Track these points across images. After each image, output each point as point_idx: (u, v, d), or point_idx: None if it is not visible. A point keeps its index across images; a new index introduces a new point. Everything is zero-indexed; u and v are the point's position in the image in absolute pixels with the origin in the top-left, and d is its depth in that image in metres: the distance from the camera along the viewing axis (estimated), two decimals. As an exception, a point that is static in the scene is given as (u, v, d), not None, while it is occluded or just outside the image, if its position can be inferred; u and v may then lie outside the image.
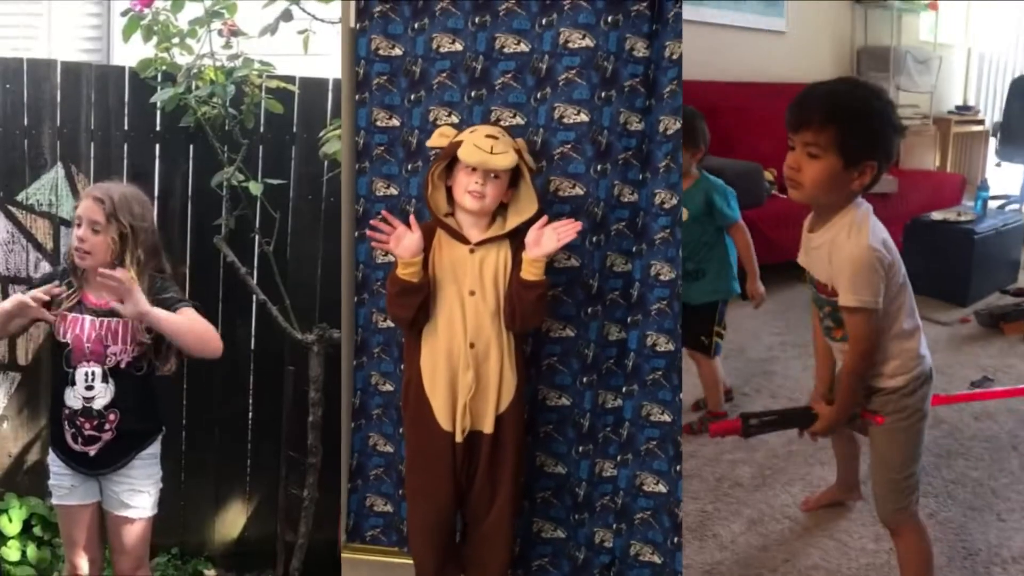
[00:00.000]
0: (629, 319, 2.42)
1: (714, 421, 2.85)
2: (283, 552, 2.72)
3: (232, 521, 2.95)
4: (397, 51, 2.45)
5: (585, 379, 2.46)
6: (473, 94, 2.41)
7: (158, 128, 2.80)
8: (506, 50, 2.39)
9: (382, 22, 2.44)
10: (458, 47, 2.42)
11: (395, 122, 2.47)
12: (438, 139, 2.21)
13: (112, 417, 2.11)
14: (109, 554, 2.27)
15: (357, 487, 2.65)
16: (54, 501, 2.23)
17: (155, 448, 2.22)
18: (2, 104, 2.86)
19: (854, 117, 1.71)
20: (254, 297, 2.72)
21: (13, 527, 2.81)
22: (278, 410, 2.70)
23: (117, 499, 2.17)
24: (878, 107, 1.75)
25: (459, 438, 2.18)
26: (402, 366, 2.50)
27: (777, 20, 5.41)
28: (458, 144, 2.12)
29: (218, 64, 2.57)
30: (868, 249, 1.75)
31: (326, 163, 2.61)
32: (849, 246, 1.76)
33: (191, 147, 2.78)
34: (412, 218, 2.17)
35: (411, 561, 2.42)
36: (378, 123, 2.49)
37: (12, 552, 2.78)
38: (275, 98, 2.62)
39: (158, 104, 2.69)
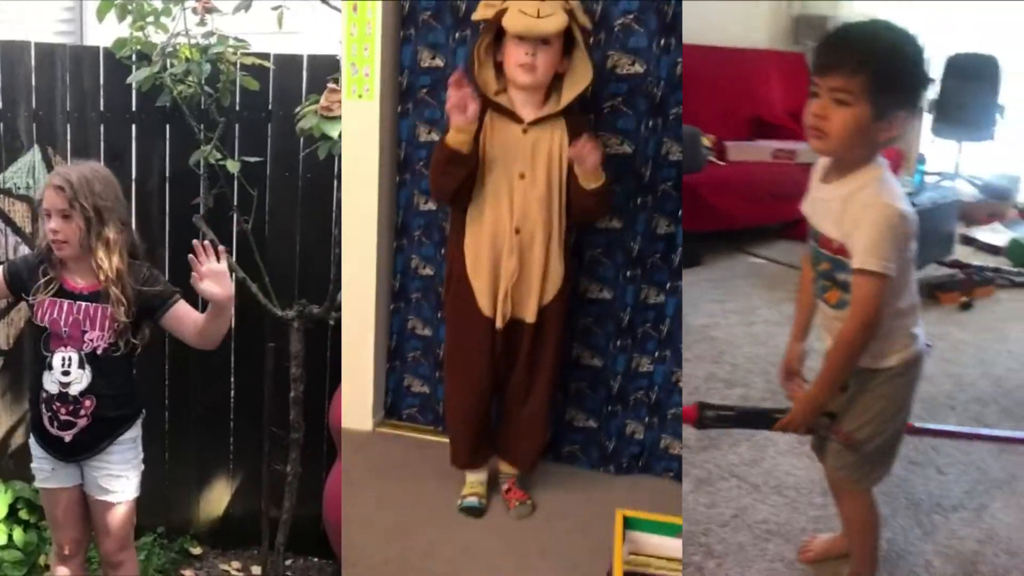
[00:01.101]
0: (679, 213, 2.37)
1: None
2: (268, 528, 2.73)
3: (216, 499, 2.96)
4: None
5: (628, 273, 2.42)
6: None
7: (134, 108, 2.79)
8: None
9: None
10: None
11: (439, 62, 2.40)
12: (484, 10, 2.03)
13: (88, 403, 2.09)
14: (94, 536, 2.26)
15: (395, 367, 2.70)
16: (36, 484, 2.24)
17: (133, 432, 2.19)
18: (-24, 88, 2.86)
19: (890, 63, 1.54)
20: (233, 275, 2.71)
21: (-2, 510, 2.82)
22: (259, 387, 2.70)
23: (96, 484, 2.15)
24: (912, 54, 1.58)
25: (499, 324, 2.14)
26: (443, 250, 2.49)
27: None
28: (503, 12, 1.96)
29: (193, 42, 2.56)
30: (899, 211, 1.58)
31: (302, 140, 2.61)
32: (877, 204, 1.59)
33: (167, 126, 2.77)
34: (459, 74, 2.00)
35: (446, 440, 2.45)
36: (422, 63, 2.41)
37: (-2, 535, 2.79)
38: (250, 75, 2.62)
39: (134, 84, 2.69)
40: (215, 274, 1.99)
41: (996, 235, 5.11)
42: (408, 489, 2.47)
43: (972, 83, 5.94)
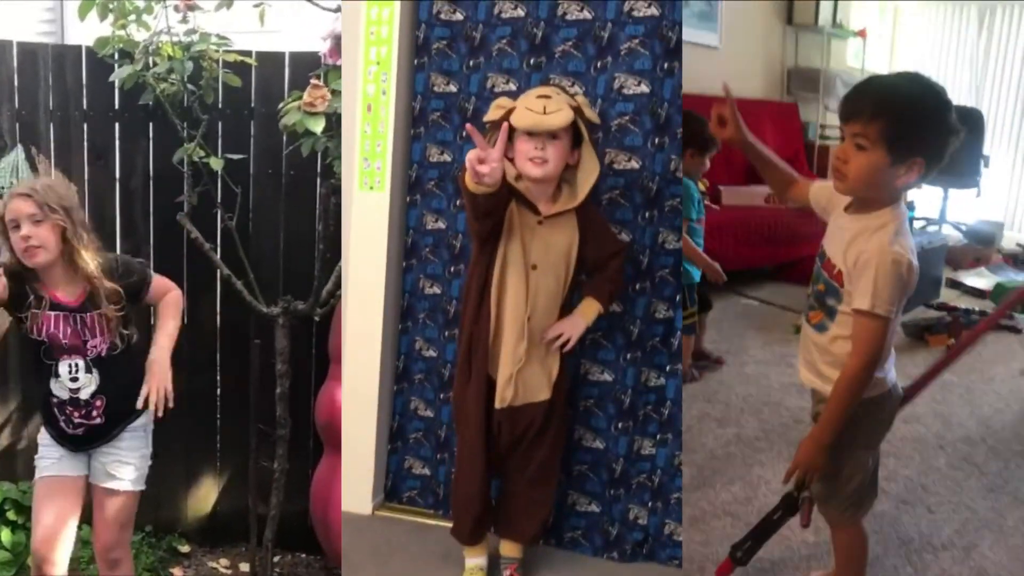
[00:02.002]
0: (678, 297, 2.41)
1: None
2: (255, 524, 2.73)
3: (204, 496, 2.96)
4: (458, 16, 2.44)
5: (629, 355, 2.45)
6: (532, 61, 2.41)
7: (117, 107, 2.79)
8: (568, 17, 2.36)
9: None
10: (520, 13, 2.40)
11: (452, 88, 2.46)
12: (494, 111, 2.11)
13: (99, 403, 2.12)
14: (91, 533, 2.23)
15: (397, 448, 2.70)
16: (41, 474, 2.17)
17: (144, 419, 2.20)
18: (-41, 88, 2.85)
19: (904, 112, 1.62)
20: (218, 272, 2.72)
21: (-14, 511, 2.81)
22: (245, 384, 2.70)
23: (104, 470, 2.15)
24: (932, 105, 1.64)
25: (498, 404, 2.18)
26: (445, 332, 2.57)
27: (711, 35, 5.49)
28: (511, 111, 2.04)
29: (175, 40, 2.57)
30: (909, 262, 1.65)
31: (285, 136, 2.62)
32: (890, 252, 1.65)
33: (151, 125, 2.78)
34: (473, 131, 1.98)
35: (446, 523, 2.46)
36: (435, 88, 2.48)
37: (-15, 536, 2.78)
38: (233, 72, 2.62)
39: (116, 82, 2.69)
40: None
41: (981, 279, 5.29)
42: (408, 574, 2.43)
43: None
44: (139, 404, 2.11)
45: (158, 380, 2.11)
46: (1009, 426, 3.32)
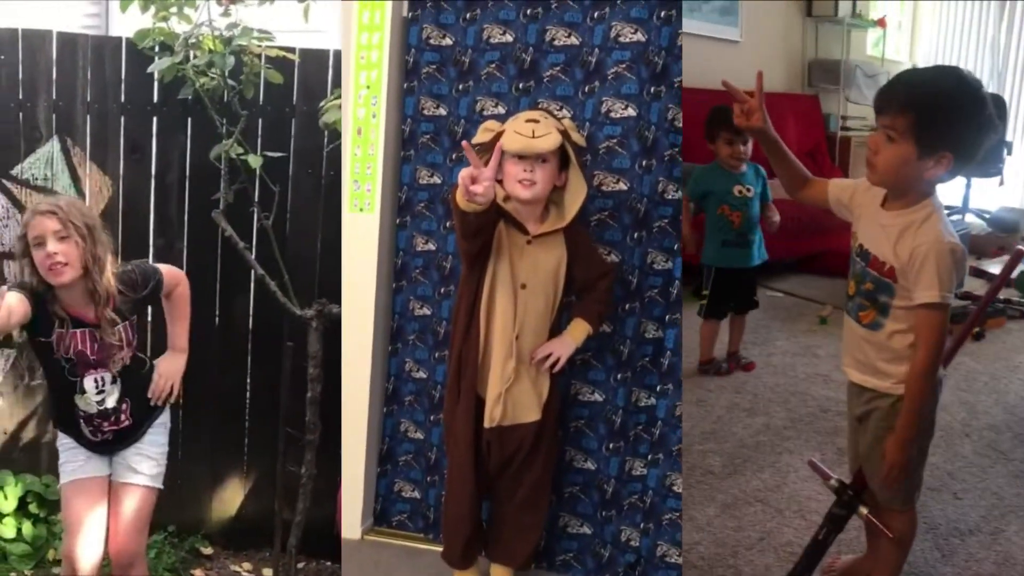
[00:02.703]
0: (667, 317, 2.41)
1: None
2: (280, 529, 2.68)
3: (229, 498, 2.92)
4: (448, 40, 2.49)
5: (619, 375, 2.46)
6: (521, 86, 2.45)
7: (155, 100, 2.75)
8: (556, 42, 2.41)
9: (434, 11, 2.49)
10: (508, 38, 2.44)
11: (442, 111, 2.51)
12: (483, 134, 2.16)
13: (124, 407, 2.15)
14: (109, 531, 2.19)
15: (386, 472, 2.69)
16: (65, 479, 2.17)
17: (164, 417, 2.25)
18: (-4, 76, 2.83)
19: (933, 106, 1.65)
20: (252, 272, 2.68)
21: (9, 504, 2.79)
22: (276, 386, 2.65)
23: (126, 465, 2.16)
24: (964, 100, 1.67)
25: (487, 423, 2.18)
26: (436, 354, 2.58)
27: (731, 29, 5.52)
28: (500, 135, 2.09)
29: (216, 33, 2.53)
30: (957, 246, 1.72)
31: (326, 135, 2.57)
32: (939, 241, 1.71)
33: (189, 119, 2.74)
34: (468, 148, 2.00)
35: (436, 548, 2.47)
36: (425, 112, 2.53)
37: (8, 529, 2.75)
38: (275, 68, 2.58)
39: (155, 75, 2.65)
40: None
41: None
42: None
43: None
44: (151, 397, 2.19)
45: (169, 374, 2.22)
46: (1035, 413, 3.37)
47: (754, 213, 3.38)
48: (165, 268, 2.25)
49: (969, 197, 6.47)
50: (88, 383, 2.10)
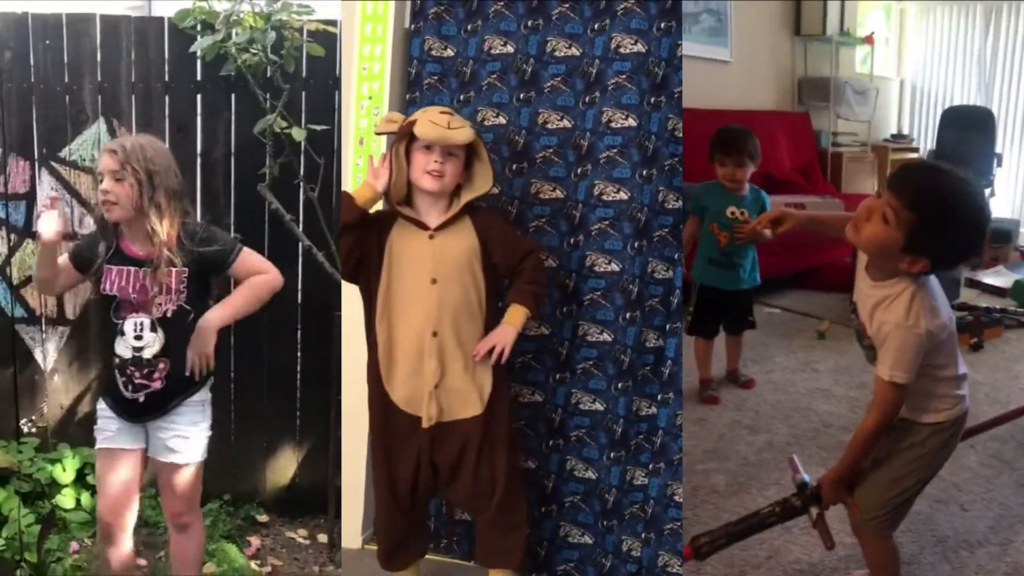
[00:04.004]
0: (668, 326, 2.41)
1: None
2: (334, 497, 2.74)
3: (283, 467, 2.99)
4: (449, 52, 2.49)
5: (620, 384, 2.44)
6: (522, 96, 2.45)
7: (199, 78, 2.80)
8: (557, 53, 2.42)
9: (436, 23, 2.48)
10: (509, 49, 2.45)
11: None
12: (387, 125, 2.15)
13: (162, 366, 2.10)
14: (160, 499, 2.26)
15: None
16: (98, 445, 2.18)
17: (203, 395, 2.19)
18: (42, 61, 2.88)
19: (937, 220, 1.68)
20: (299, 244, 2.73)
21: (67, 476, 2.87)
22: (326, 356, 2.72)
23: (163, 445, 2.15)
24: (967, 223, 1.71)
25: (425, 423, 2.16)
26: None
27: (721, 50, 5.55)
28: (413, 122, 2.08)
29: (257, 10, 2.56)
30: (922, 328, 1.74)
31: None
32: (903, 325, 1.75)
33: (232, 95, 2.79)
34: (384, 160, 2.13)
35: (435, 558, 2.50)
36: None
37: (67, 500, 2.83)
38: (315, 42, 2.61)
39: (198, 54, 2.70)
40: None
41: (1000, 277, 5.27)
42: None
43: (970, 133, 6.37)
44: (187, 370, 2.13)
45: (198, 346, 2.13)
46: (1038, 422, 3.33)
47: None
48: (253, 252, 2.21)
49: None
50: (128, 325, 2.09)
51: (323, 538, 2.84)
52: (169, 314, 2.10)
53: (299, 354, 2.91)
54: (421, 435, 2.18)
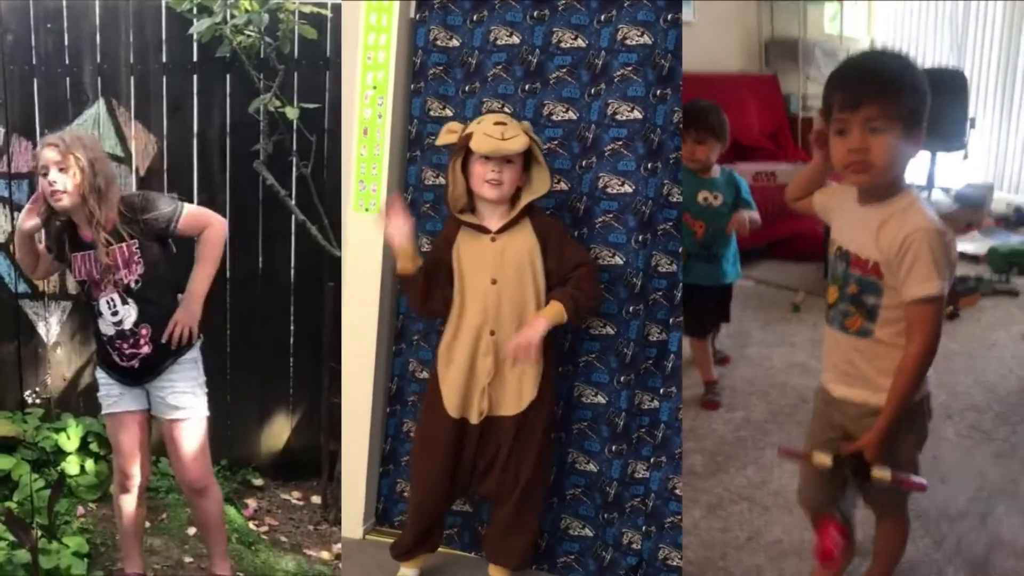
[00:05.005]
0: (671, 320, 2.41)
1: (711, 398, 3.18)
2: (327, 459, 2.87)
3: (277, 433, 3.10)
4: (455, 42, 2.49)
5: (622, 378, 2.45)
6: (527, 87, 2.44)
7: (195, 59, 2.91)
8: (563, 45, 2.40)
9: (441, 13, 2.49)
10: (515, 40, 2.44)
11: (448, 112, 2.51)
12: (447, 136, 2.22)
13: (144, 332, 2.19)
14: (173, 467, 2.34)
15: (389, 472, 2.70)
16: (104, 411, 2.30)
17: (193, 353, 2.27)
18: (44, 44, 2.98)
19: (911, 85, 1.61)
20: (293, 218, 2.85)
21: (72, 444, 2.97)
22: (318, 325, 2.83)
23: (165, 403, 2.23)
24: (919, 73, 1.64)
25: (474, 420, 2.23)
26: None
27: (685, 10, 5.30)
28: (469, 136, 2.15)
29: (253, -7, 2.67)
30: (944, 230, 1.61)
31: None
32: (930, 226, 1.61)
33: (227, 76, 2.89)
34: (396, 199, 2.21)
35: (444, 549, 2.51)
36: (431, 113, 2.53)
37: (72, 467, 2.94)
38: (308, 24, 2.72)
39: (194, 36, 2.80)
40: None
41: (975, 244, 5.17)
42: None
43: (942, 96, 5.87)
44: (163, 338, 2.20)
45: (182, 318, 2.21)
46: (1014, 391, 3.29)
47: (721, 224, 3.02)
48: (193, 207, 2.27)
49: (935, 174, 6.25)
50: (102, 305, 2.19)
51: (316, 499, 2.97)
52: (134, 285, 2.18)
53: (292, 325, 3.02)
54: (468, 432, 2.25)
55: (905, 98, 1.59)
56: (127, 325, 2.19)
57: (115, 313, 2.19)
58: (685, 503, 2.48)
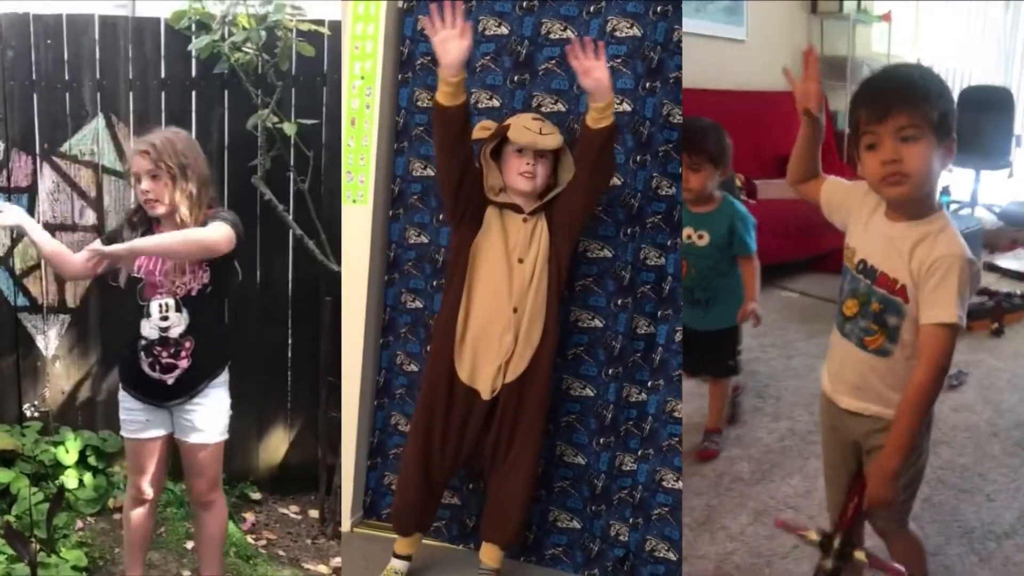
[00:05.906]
0: (659, 313, 2.42)
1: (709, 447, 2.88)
2: (324, 473, 2.88)
3: (275, 447, 3.12)
4: None
5: (610, 371, 2.47)
6: (516, 78, 2.45)
7: (193, 76, 2.93)
8: (552, 36, 2.41)
9: (429, 2, 2.40)
10: (504, 31, 2.44)
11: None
12: (480, 131, 2.27)
13: (188, 344, 2.16)
14: (185, 478, 2.34)
15: (376, 465, 2.70)
16: (127, 435, 2.25)
17: (226, 375, 2.25)
18: (44, 60, 3.00)
19: (939, 92, 1.58)
20: (291, 232, 2.86)
21: (70, 457, 2.98)
22: (316, 339, 2.85)
23: (191, 427, 2.20)
24: (943, 82, 1.62)
25: (486, 396, 2.26)
26: (428, 347, 2.51)
27: (737, 29, 5.52)
28: (506, 127, 2.21)
29: (251, 11, 2.69)
30: (973, 261, 1.58)
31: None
32: (957, 256, 1.57)
33: (226, 92, 2.92)
34: (459, 7, 2.06)
35: (426, 541, 2.50)
36: (419, 103, 2.52)
37: (71, 480, 2.95)
38: (306, 41, 2.74)
39: (194, 52, 2.83)
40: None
41: (1019, 261, 5.19)
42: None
43: (987, 114, 6.11)
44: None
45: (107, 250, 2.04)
46: (1061, 408, 3.28)
47: (707, 267, 2.67)
48: (231, 225, 2.17)
49: (978, 191, 6.37)
50: (153, 306, 2.15)
51: (314, 513, 2.97)
52: (194, 293, 2.16)
53: (290, 339, 3.04)
54: (478, 405, 2.27)
55: (932, 103, 1.56)
56: (174, 333, 2.16)
57: (165, 318, 2.15)
58: (732, 509, 2.53)
